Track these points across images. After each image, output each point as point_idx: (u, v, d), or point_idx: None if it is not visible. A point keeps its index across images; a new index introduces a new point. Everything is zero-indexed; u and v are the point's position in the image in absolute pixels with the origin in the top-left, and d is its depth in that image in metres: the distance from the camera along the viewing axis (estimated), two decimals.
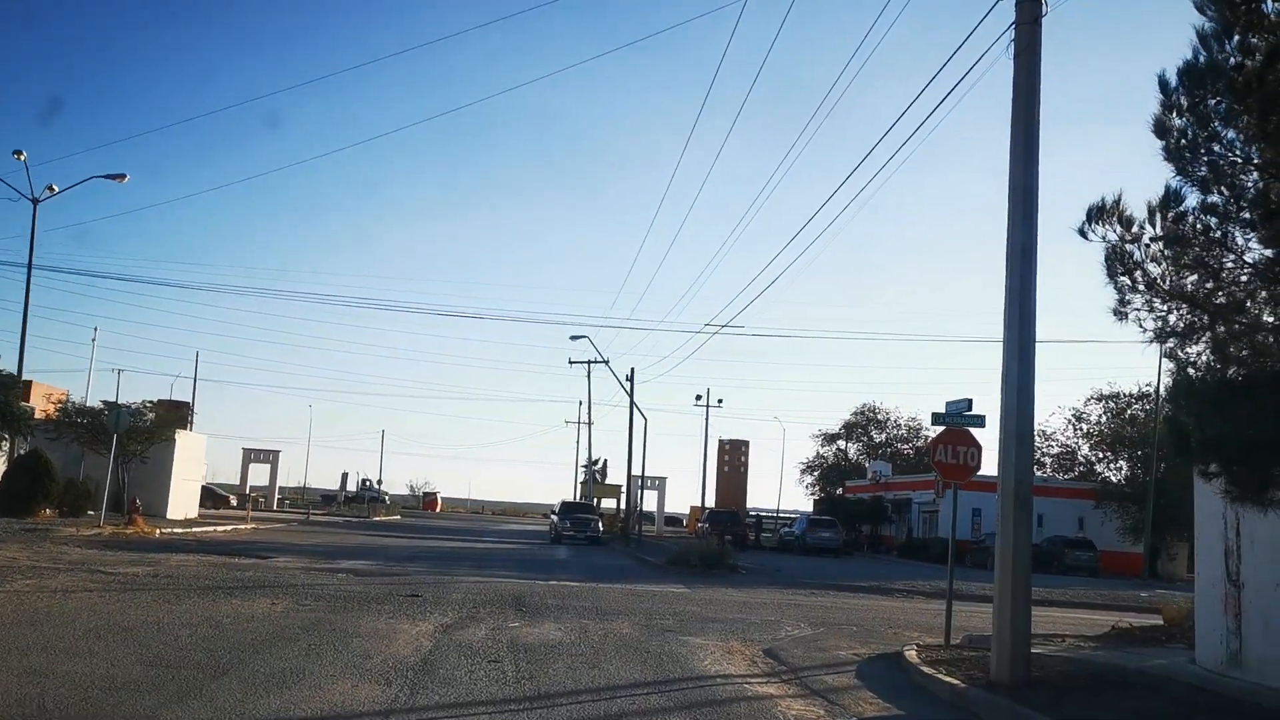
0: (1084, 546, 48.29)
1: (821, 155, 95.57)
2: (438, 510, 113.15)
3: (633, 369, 43.62)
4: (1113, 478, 62.12)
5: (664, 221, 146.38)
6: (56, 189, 33.30)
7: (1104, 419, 63.30)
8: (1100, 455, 64.13)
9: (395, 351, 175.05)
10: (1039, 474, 62.63)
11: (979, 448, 12.97)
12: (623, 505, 71.72)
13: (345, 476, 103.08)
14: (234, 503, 69.38)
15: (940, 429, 13.06)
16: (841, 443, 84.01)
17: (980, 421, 13.16)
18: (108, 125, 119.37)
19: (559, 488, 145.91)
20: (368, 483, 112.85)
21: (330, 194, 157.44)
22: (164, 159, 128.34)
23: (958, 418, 13.09)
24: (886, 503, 59.39)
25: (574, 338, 44.25)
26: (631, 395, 43.65)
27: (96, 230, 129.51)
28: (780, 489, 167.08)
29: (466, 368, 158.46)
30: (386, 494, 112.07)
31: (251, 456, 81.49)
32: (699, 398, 70.39)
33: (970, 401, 12.88)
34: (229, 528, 38.10)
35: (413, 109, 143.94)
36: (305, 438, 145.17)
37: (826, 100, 75.00)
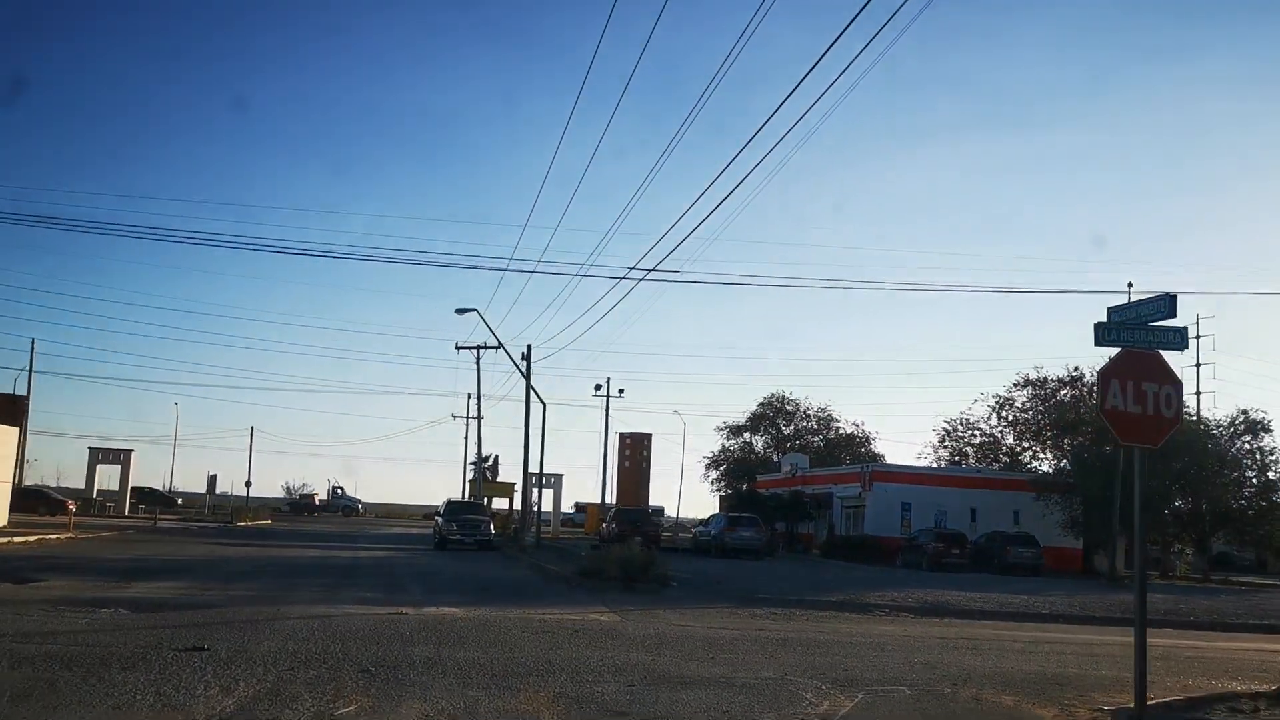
0: (1026, 542, 43.92)
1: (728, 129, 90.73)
2: (316, 514, 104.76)
3: (529, 346, 37.55)
4: (1041, 468, 58.56)
5: (553, 203, 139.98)
6: None
7: (1032, 406, 59.53)
8: (1026, 445, 60.41)
9: (267, 343, 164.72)
10: (968, 464, 58.67)
11: (1177, 385, 7.29)
12: (517, 504, 65.62)
13: (214, 479, 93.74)
14: (73, 508, 61.21)
15: (1111, 353, 7.18)
16: (748, 435, 79.05)
17: (1181, 340, 7.45)
18: None
19: (448, 488, 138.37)
20: (339, 491, 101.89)
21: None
22: None
23: (1144, 332, 7.31)
24: (806, 498, 54.40)
25: (460, 311, 37.91)
26: (528, 375, 37.59)
27: None
28: (681, 485, 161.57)
29: (346, 361, 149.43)
30: (360, 501, 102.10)
31: (99, 456, 72.89)
32: (598, 387, 64.40)
33: (1171, 299, 7.09)
34: (34, 538, 31.03)
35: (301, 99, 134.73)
36: (170, 437, 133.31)
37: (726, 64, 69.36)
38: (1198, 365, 55.80)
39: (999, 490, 50.26)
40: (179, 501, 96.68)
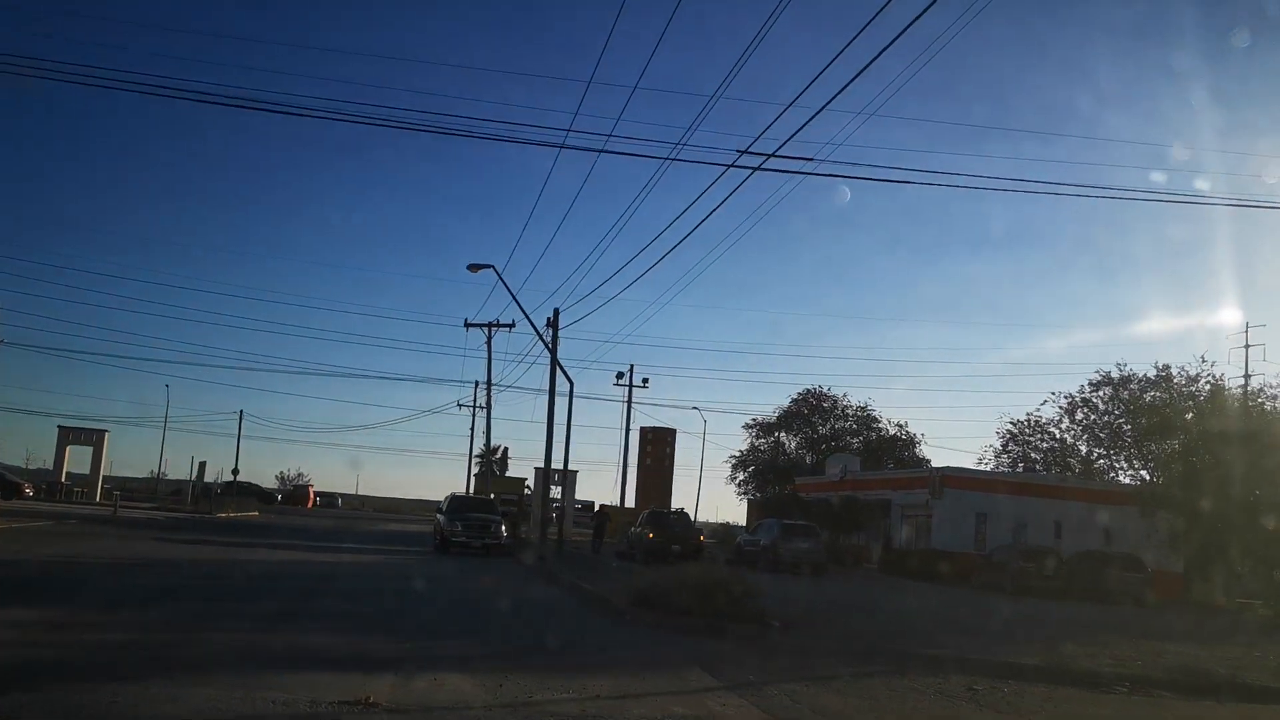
0: (1131, 565, 37.03)
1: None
2: (310, 506, 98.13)
3: (556, 311, 30.87)
4: (1120, 479, 51.89)
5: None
6: None
7: (1109, 409, 52.73)
8: (1102, 452, 53.60)
9: (261, 324, 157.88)
10: (1039, 471, 52.04)
11: None
12: (526, 500, 58.99)
13: (203, 466, 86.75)
14: (29, 491, 54.85)
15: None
16: (781, 434, 72.23)
17: None
18: None
19: (452, 483, 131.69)
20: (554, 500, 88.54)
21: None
22: None
23: None
24: (861, 505, 47.63)
25: (474, 267, 31.26)
26: (554, 346, 30.92)
27: None
28: (699, 487, 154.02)
29: (345, 345, 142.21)
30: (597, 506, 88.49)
31: (70, 437, 66.42)
32: (620, 376, 57.79)
33: None
34: None
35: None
36: (152, 419, 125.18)
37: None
38: (1246, 378, 48.71)
39: (1088, 502, 43.38)
40: (279, 498, 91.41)
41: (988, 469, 51.75)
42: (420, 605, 15.70)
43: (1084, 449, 54.43)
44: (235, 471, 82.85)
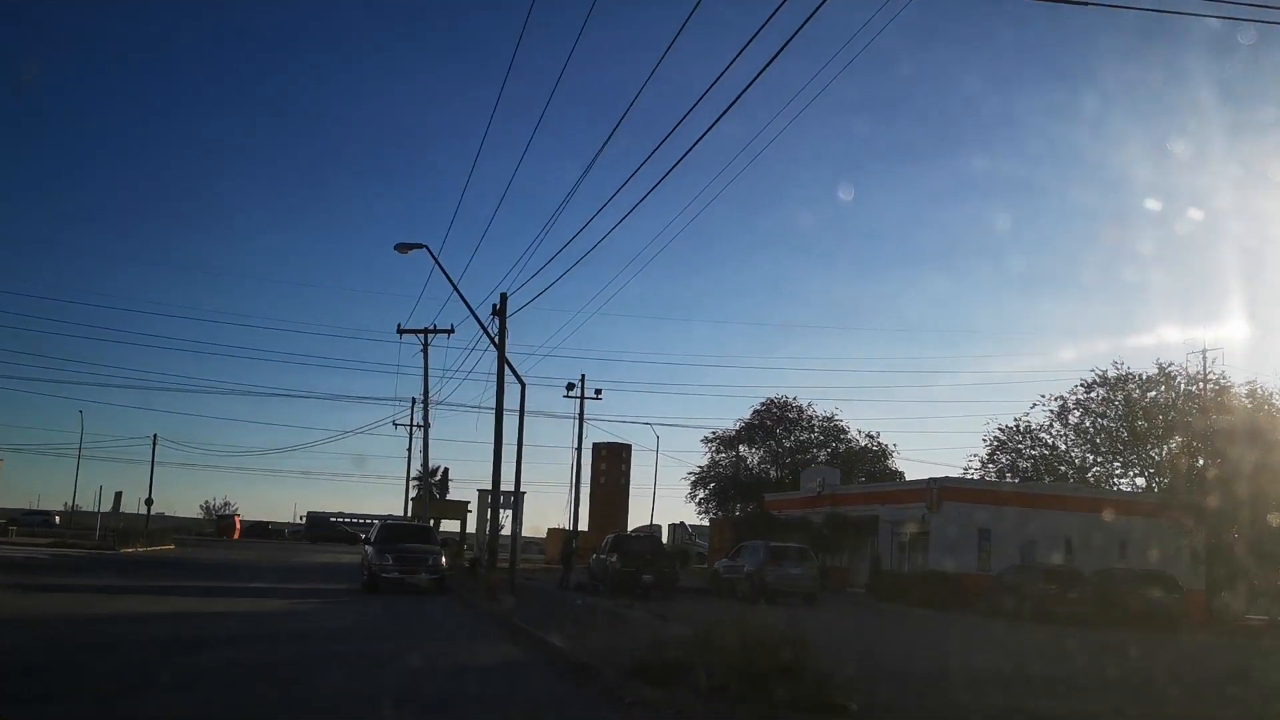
0: (1162, 584, 32.62)
1: None
2: (236, 537, 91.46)
3: (504, 296, 25.62)
4: (1118, 485, 48.03)
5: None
6: None
7: (1103, 410, 48.75)
8: (1099, 458, 49.53)
9: (179, 342, 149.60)
10: (1029, 479, 47.80)
11: None
12: (469, 528, 53.62)
13: (118, 496, 79.25)
14: None
15: None
16: (744, 447, 67.32)
17: None
18: None
19: (393, 506, 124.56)
20: (685, 526, 78.66)
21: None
22: None
23: None
24: (848, 522, 42.82)
25: (403, 246, 26.00)
26: (502, 340, 25.65)
27: None
28: (653, 506, 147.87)
29: (274, 364, 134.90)
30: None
31: None
32: (571, 387, 52.66)
33: None
34: None
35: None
36: (74, 448, 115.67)
37: None
38: (1204, 382, 45.13)
39: (1099, 514, 38.89)
40: (362, 537, 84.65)
41: (979, 480, 47.54)
42: (313, 700, 10.32)
43: (1077, 455, 50.39)
44: (149, 501, 75.88)
